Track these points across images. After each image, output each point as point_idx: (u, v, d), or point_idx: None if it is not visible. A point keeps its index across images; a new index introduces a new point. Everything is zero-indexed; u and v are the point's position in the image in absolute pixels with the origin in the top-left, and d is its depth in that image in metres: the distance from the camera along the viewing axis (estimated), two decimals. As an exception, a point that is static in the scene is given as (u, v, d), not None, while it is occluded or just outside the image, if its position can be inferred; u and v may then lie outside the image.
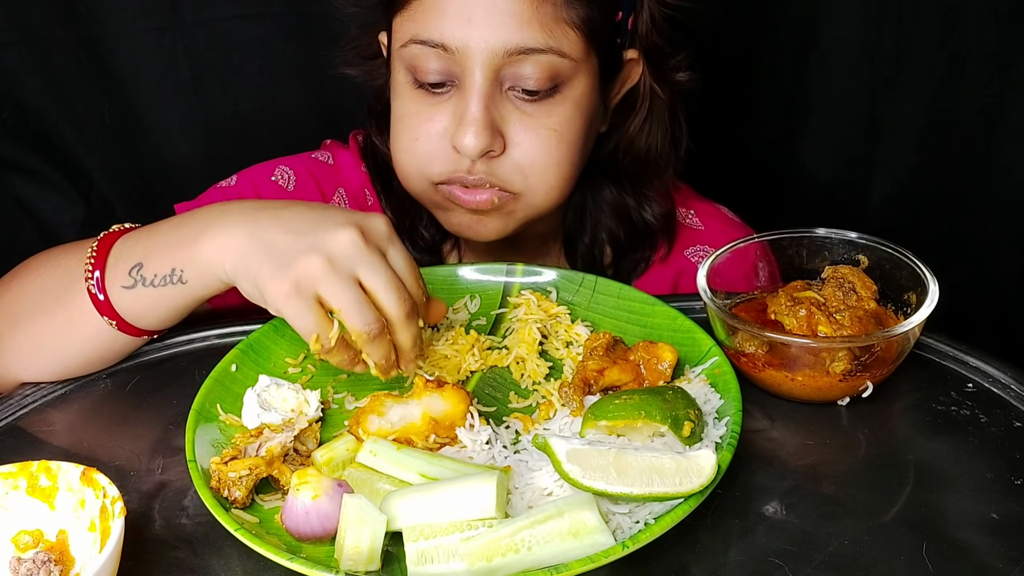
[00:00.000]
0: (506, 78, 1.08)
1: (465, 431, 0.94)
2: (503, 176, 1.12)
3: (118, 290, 1.00)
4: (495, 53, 1.05)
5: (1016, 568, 0.82)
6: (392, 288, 0.92)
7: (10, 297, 1.08)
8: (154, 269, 0.99)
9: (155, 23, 1.56)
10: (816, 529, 0.86)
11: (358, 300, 0.91)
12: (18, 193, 1.61)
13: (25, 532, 0.85)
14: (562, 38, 1.07)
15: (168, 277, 0.98)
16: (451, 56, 1.07)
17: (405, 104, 1.13)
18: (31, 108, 1.58)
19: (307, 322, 0.91)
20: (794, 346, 0.98)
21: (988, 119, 1.52)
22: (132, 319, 1.03)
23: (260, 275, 0.92)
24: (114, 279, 1.01)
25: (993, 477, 0.91)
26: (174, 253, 0.98)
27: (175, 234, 0.99)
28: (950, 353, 1.07)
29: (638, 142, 1.23)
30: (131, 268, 1.00)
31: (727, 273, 1.08)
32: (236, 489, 0.86)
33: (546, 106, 1.10)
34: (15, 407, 1.05)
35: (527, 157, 1.11)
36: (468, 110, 1.08)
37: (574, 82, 1.11)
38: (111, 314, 1.02)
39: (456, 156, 1.11)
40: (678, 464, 0.83)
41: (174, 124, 1.63)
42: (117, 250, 1.02)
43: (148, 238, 1.02)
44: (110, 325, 1.02)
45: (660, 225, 1.29)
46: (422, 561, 0.79)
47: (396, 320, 0.93)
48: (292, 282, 0.90)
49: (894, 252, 1.07)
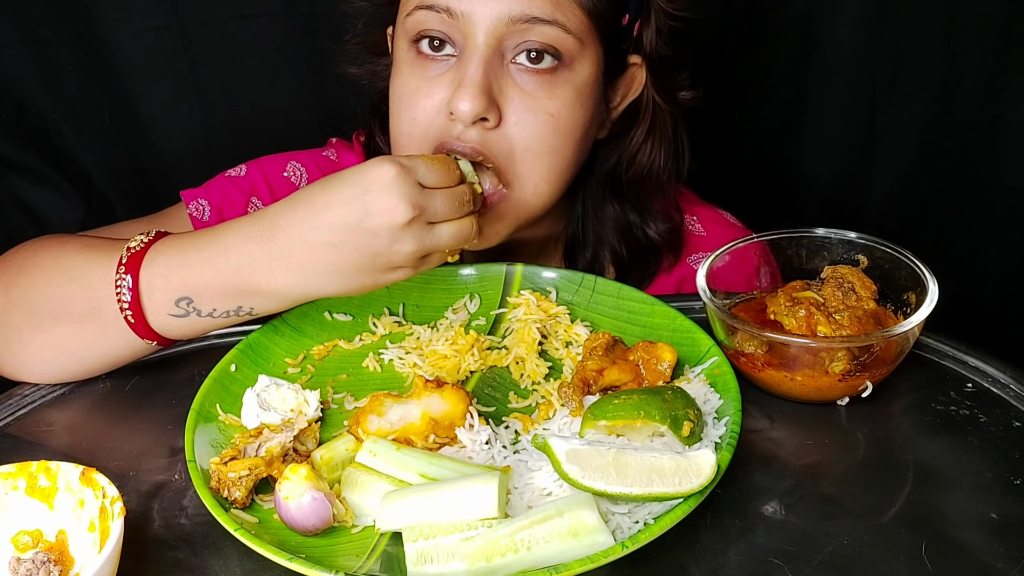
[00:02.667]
0: (508, 48, 1.08)
1: (464, 431, 0.94)
2: (494, 148, 1.09)
3: (164, 318, 0.99)
4: (500, 20, 1.05)
5: (1015, 568, 0.82)
6: (447, 196, 0.96)
7: (21, 294, 1.05)
8: (212, 304, 0.98)
9: (155, 23, 1.56)
10: (815, 529, 0.86)
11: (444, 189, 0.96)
12: (18, 193, 1.62)
13: (24, 532, 0.85)
14: (568, 14, 1.07)
15: (233, 312, 0.99)
16: (455, 22, 1.07)
17: (405, 81, 1.12)
18: (31, 108, 1.58)
19: (444, 195, 0.95)
20: (793, 346, 0.98)
21: (988, 119, 1.53)
22: (176, 337, 1.02)
23: (360, 264, 0.94)
24: (158, 308, 0.99)
25: (992, 477, 0.91)
26: (235, 291, 0.97)
27: (220, 257, 0.97)
28: (949, 353, 1.07)
29: (640, 157, 1.22)
30: (179, 300, 0.98)
31: (727, 276, 1.08)
32: (235, 489, 0.86)
33: (546, 85, 1.09)
34: (15, 407, 1.05)
35: (521, 138, 1.09)
36: (467, 73, 1.06)
37: (576, 66, 1.10)
38: (151, 336, 1.01)
39: (450, 123, 1.09)
40: (677, 464, 0.83)
41: (174, 124, 1.63)
42: (150, 275, 0.98)
43: (183, 269, 0.98)
44: (149, 344, 1.02)
45: (664, 241, 1.27)
46: (422, 561, 0.79)
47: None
48: (384, 250, 0.93)
49: (893, 252, 1.07)
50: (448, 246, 0.97)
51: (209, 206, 1.25)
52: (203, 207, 1.24)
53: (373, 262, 0.94)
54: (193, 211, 1.24)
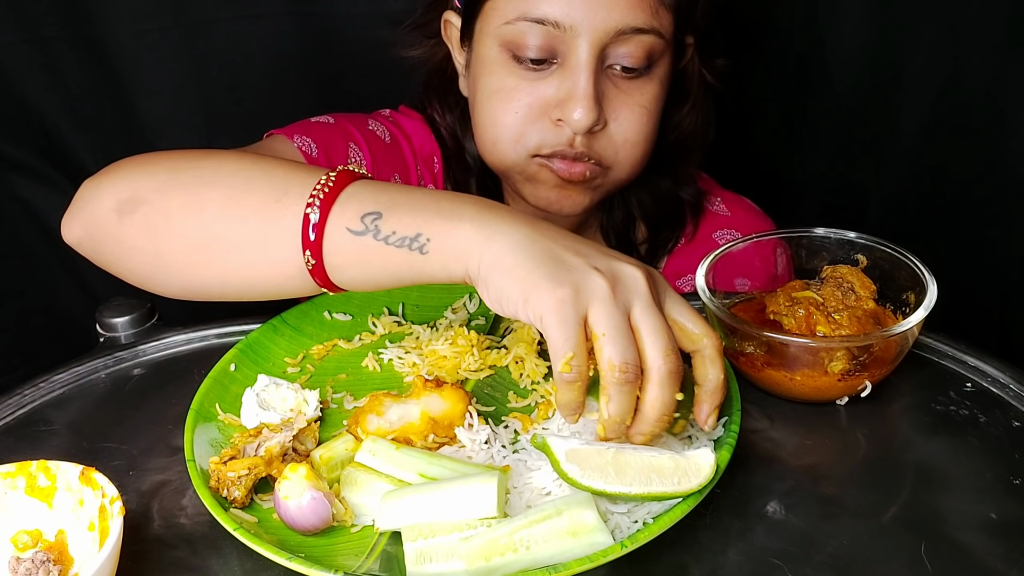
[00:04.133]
0: (608, 56, 1.12)
1: (464, 431, 0.94)
2: (599, 150, 1.16)
3: (341, 231, 0.88)
4: (605, 32, 1.09)
5: (1015, 568, 0.82)
6: (664, 336, 0.81)
7: (197, 174, 0.95)
8: (395, 226, 0.87)
9: (157, 23, 1.56)
10: (815, 529, 0.86)
11: (626, 331, 0.80)
12: (18, 193, 1.62)
13: (24, 532, 0.85)
14: (663, 19, 1.12)
15: (409, 240, 0.86)
16: (559, 34, 1.10)
17: (502, 79, 1.15)
18: (31, 108, 1.58)
19: (569, 335, 0.79)
20: (793, 346, 0.98)
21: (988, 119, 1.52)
22: (333, 268, 0.90)
23: (533, 275, 0.81)
24: (340, 218, 0.88)
25: (992, 477, 0.91)
26: (429, 219, 0.86)
27: (434, 202, 0.88)
28: (949, 353, 1.07)
29: (684, 124, 1.29)
30: (366, 214, 0.87)
31: (746, 261, 1.11)
32: (235, 489, 0.87)
33: (639, 83, 1.15)
34: (15, 407, 1.05)
35: (622, 133, 1.15)
36: (578, 85, 1.11)
37: (661, 62, 1.16)
38: (316, 252, 0.89)
39: (557, 129, 1.14)
40: (677, 464, 0.83)
41: (175, 124, 1.63)
42: (356, 188, 0.90)
43: (397, 193, 0.90)
44: (306, 263, 0.90)
45: (692, 202, 1.34)
46: (421, 561, 0.79)
47: (655, 371, 0.81)
48: (571, 289, 0.80)
49: (893, 252, 1.07)
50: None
51: (315, 144, 1.21)
52: (309, 143, 1.21)
53: (583, 258, 0.83)
54: (300, 145, 1.20)
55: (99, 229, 0.98)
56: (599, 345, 0.80)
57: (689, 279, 1.35)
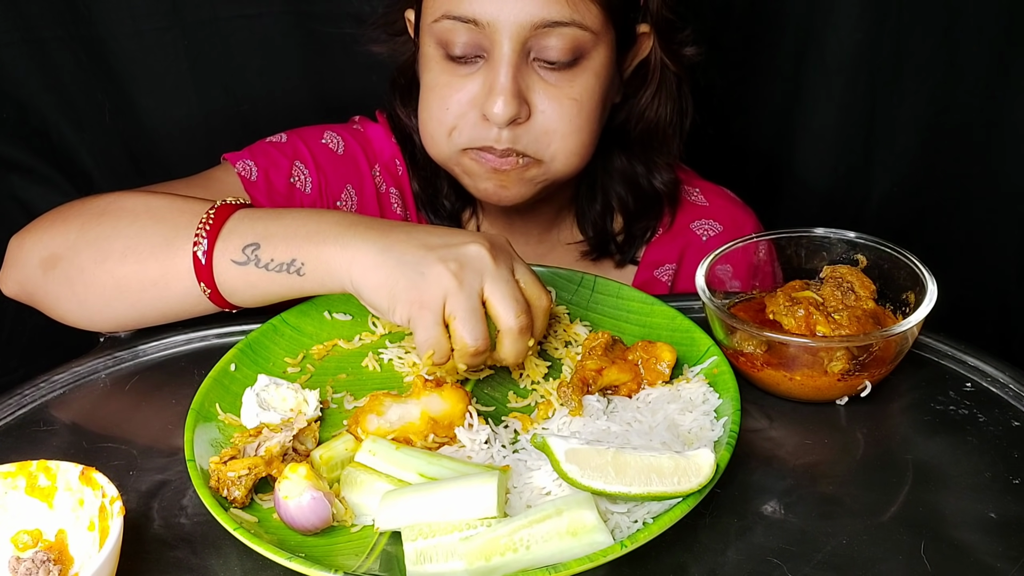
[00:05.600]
0: (531, 49, 1.13)
1: (464, 430, 0.94)
2: (527, 143, 1.16)
3: (226, 262, 1.02)
4: (523, 27, 1.11)
5: (1014, 567, 0.82)
6: (512, 300, 0.96)
7: (99, 231, 1.08)
8: (272, 253, 1.01)
9: (156, 23, 1.56)
10: (814, 528, 0.86)
11: (474, 312, 0.95)
12: (18, 193, 1.61)
13: (24, 532, 0.85)
14: (585, 12, 1.12)
15: (287, 265, 1.01)
16: (481, 30, 1.12)
17: (436, 76, 1.18)
18: (31, 108, 1.58)
19: (430, 336, 0.95)
20: (792, 346, 0.98)
21: (988, 119, 1.52)
22: (227, 293, 1.04)
23: (396, 287, 0.96)
24: (225, 251, 1.02)
25: (991, 476, 0.91)
26: (299, 245, 1.00)
27: (302, 226, 1.01)
28: (948, 352, 1.07)
29: (649, 113, 1.29)
30: (246, 246, 1.01)
31: (732, 261, 1.11)
32: (235, 488, 0.87)
33: (568, 76, 1.15)
34: (15, 407, 1.05)
35: (550, 124, 1.16)
36: (497, 80, 1.12)
37: (594, 54, 1.16)
38: (209, 282, 1.03)
39: (484, 124, 1.16)
40: (676, 463, 0.83)
41: (175, 124, 1.63)
42: (234, 223, 1.03)
43: (270, 221, 1.03)
44: (203, 292, 1.04)
45: (668, 191, 1.35)
46: (421, 560, 0.79)
47: (508, 332, 0.97)
48: (425, 291, 0.95)
49: (893, 252, 1.07)
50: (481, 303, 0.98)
51: (256, 167, 1.26)
52: (250, 167, 1.25)
53: (428, 252, 0.97)
54: (241, 170, 1.26)
55: (30, 283, 1.13)
56: (453, 327, 0.95)
57: (667, 268, 1.36)
